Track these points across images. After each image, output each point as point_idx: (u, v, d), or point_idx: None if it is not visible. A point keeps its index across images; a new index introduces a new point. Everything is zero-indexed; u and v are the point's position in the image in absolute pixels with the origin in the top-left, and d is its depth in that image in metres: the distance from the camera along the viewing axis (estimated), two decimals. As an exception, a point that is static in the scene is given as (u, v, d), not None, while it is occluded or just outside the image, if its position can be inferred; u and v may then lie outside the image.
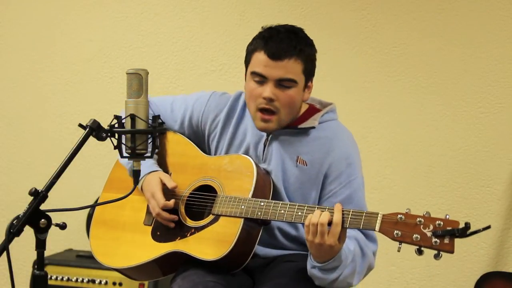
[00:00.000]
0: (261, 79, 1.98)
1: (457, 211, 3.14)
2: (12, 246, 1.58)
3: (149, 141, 1.71)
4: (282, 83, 1.97)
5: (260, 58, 1.99)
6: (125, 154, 1.70)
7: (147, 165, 2.11)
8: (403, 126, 3.26)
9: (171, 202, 2.04)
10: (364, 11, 3.27)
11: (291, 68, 1.97)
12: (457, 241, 1.63)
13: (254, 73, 2.00)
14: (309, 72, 2.04)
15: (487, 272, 3.00)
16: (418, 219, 1.69)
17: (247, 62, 2.06)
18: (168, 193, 2.08)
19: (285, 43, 1.97)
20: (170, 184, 2.07)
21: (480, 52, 3.16)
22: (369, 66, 3.27)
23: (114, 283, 3.06)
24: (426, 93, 3.23)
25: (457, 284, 3.22)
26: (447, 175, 3.20)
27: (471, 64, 3.17)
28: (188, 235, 2.00)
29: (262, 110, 2.00)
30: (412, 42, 3.23)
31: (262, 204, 1.91)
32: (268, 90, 1.97)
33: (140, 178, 2.10)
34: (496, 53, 3.14)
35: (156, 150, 1.77)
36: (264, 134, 2.09)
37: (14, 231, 1.57)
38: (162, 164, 2.18)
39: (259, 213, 1.91)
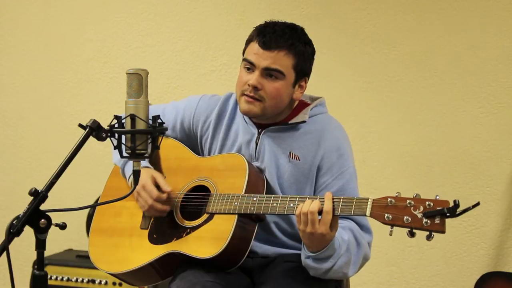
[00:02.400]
0: (250, 66, 2.01)
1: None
2: (12, 246, 1.58)
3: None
4: (269, 73, 1.99)
5: (253, 47, 2.02)
6: (125, 154, 1.70)
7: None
8: (403, 126, 3.26)
9: (164, 195, 2.05)
10: (364, 11, 3.27)
11: (280, 60, 1.99)
12: (457, 241, 1.64)
13: (244, 60, 2.04)
14: (301, 70, 2.04)
15: (487, 272, 3.00)
16: (408, 201, 1.70)
17: (243, 52, 2.07)
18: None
19: (278, 34, 1.99)
20: (165, 187, 2.07)
21: (480, 52, 3.16)
22: (369, 66, 3.28)
23: (114, 283, 3.06)
24: (426, 93, 3.23)
25: (457, 284, 3.22)
26: (447, 175, 3.21)
27: (471, 64, 3.17)
28: (184, 235, 2.01)
29: (247, 96, 2.02)
30: (412, 42, 3.23)
31: (254, 199, 1.93)
32: (254, 78, 1.99)
33: (130, 173, 2.11)
34: (496, 53, 3.14)
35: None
36: (255, 132, 2.09)
37: (14, 231, 1.57)
38: (156, 168, 2.19)
39: (252, 208, 1.92)
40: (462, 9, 3.17)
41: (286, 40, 1.98)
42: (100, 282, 3.08)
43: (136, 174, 1.72)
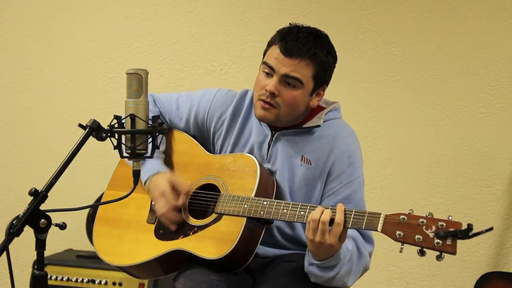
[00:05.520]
0: (270, 70, 1.98)
1: (457, 211, 3.14)
2: (12, 246, 1.58)
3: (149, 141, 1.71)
4: (288, 81, 1.97)
5: (274, 51, 1.99)
6: (125, 154, 1.70)
7: (154, 164, 2.10)
8: (403, 126, 3.26)
9: (180, 202, 2.05)
10: (364, 11, 3.28)
11: (301, 69, 1.96)
12: (458, 241, 1.64)
13: (264, 63, 2.01)
14: (320, 79, 2.01)
15: (487, 272, 3.00)
16: (420, 220, 1.69)
17: (264, 53, 2.05)
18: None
19: (301, 42, 1.96)
20: (182, 187, 2.06)
21: (480, 52, 3.16)
22: (369, 66, 3.27)
23: (114, 283, 3.06)
24: (426, 93, 3.23)
25: (457, 284, 3.22)
26: (447, 175, 3.21)
27: (471, 64, 3.17)
28: (191, 233, 2.00)
29: (263, 101, 2.00)
30: (412, 42, 3.23)
31: (265, 203, 1.92)
32: (272, 84, 1.97)
33: (147, 177, 2.10)
34: (496, 53, 3.15)
35: (157, 150, 1.77)
36: (269, 134, 2.08)
37: (14, 231, 1.56)
38: (167, 162, 2.18)
39: (262, 213, 1.91)
40: (462, 9, 3.18)
41: (308, 50, 1.95)
42: (100, 282, 3.07)
43: (136, 174, 1.72)
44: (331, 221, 1.78)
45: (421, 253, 1.69)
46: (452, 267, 3.21)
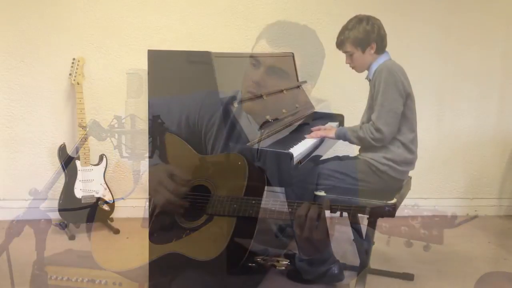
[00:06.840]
0: (256, 62, 1.99)
1: (457, 211, 3.14)
2: (12, 246, 1.58)
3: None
4: (274, 71, 1.98)
5: (261, 44, 2.00)
6: (125, 154, 1.70)
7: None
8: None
9: (183, 188, 2.04)
10: (364, 11, 3.27)
11: (286, 61, 1.97)
12: (458, 240, 1.64)
13: (251, 56, 2.02)
14: (307, 74, 2.03)
15: (487, 272, 3.00)
16: (405, 211, 1.69)
17: (252, 49, 2.06)
18: None
19: (286, 35, 1.97)
20: (183, 175, 2.05)
21: (481, 52, 3.16)
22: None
23: (114, 283, 3.06)
24: (426, 93, 3.23)
25: (457, 284, 3.22)
26: (447, 175, 3.21)
27: (471, 64, 3.17)
28: (184, 236, 2.01)
29: (250, 93, 2.01)
30: (412, 42, 3.23)
31: (253, 202, 1.92)
32: (258, 74, 1.98)
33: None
34: (497, 53, 3.14)
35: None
36: (259, 132, 2.09)
37: (14, 231, 1.57)
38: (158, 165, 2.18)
39: (251, 212, 1.92)
40: (463, 9, 3.17)
41: (293, 41, 1.97)
42: (100, 282, 3.08)
43: (136, 174, 1.72)
44: (318, 216, 1.78)
45: (408, 244, 1.70)
46: (452, 267, 3.21)
